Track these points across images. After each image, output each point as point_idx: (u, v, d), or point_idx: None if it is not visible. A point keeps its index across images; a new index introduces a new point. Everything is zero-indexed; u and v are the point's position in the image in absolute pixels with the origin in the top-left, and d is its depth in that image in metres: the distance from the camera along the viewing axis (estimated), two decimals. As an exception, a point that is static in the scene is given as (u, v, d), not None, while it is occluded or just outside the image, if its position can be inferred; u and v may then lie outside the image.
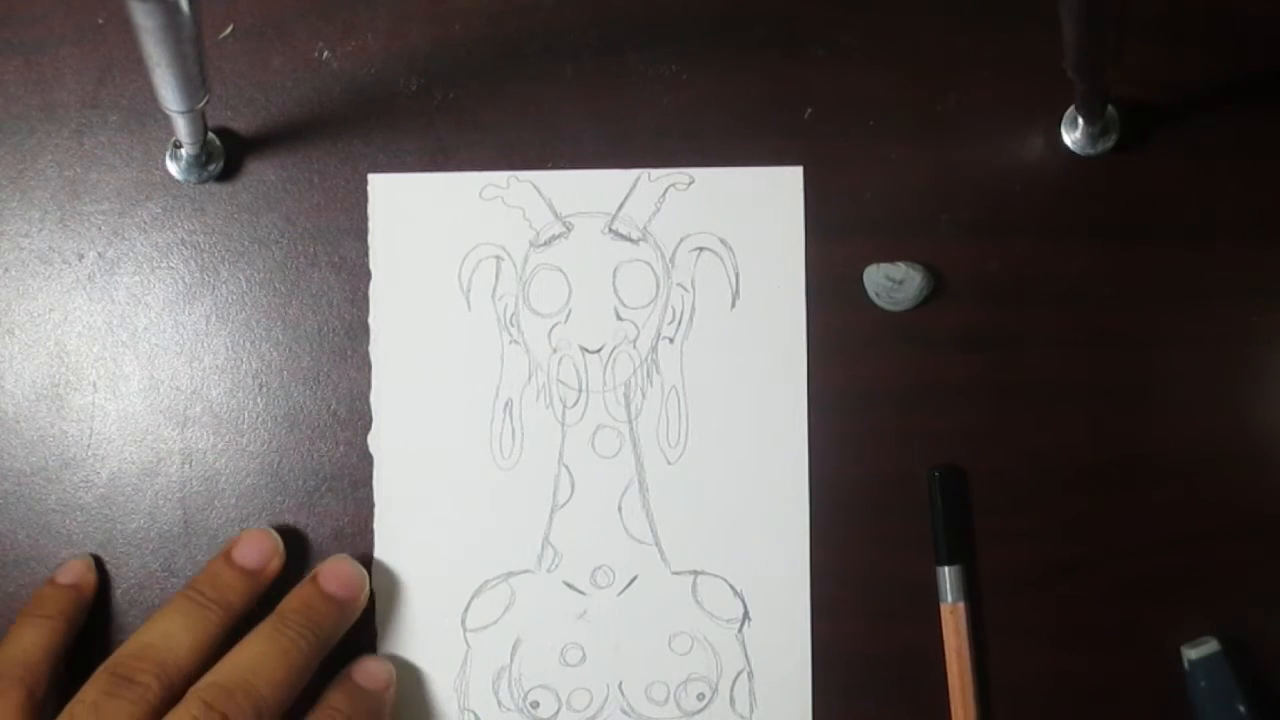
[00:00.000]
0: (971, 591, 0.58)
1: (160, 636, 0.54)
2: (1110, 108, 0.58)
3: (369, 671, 0.57)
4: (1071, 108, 0.59)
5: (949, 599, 0.58)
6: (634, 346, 0.59)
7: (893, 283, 0.58)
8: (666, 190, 0.59)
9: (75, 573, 0.58)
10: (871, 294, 0.59)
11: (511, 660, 0.58)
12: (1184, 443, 0.59)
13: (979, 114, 0.60)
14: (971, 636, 0.58)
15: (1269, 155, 0.60)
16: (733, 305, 0.59)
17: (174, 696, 0.53)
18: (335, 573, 0.57)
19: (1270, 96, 0.60)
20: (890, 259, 0.59)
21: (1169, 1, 0.59)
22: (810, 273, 0.59)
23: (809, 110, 0.60)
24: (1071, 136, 0.59)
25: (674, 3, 0.60)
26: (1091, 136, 0.59)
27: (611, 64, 0.60)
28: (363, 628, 0.58)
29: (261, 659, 0.54)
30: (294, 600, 0.56)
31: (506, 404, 0.59)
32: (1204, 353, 0.59)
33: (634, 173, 0.59)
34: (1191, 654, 0.58)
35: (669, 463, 0.58)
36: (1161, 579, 0.59)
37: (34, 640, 0.55)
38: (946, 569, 0.58)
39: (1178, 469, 0.59)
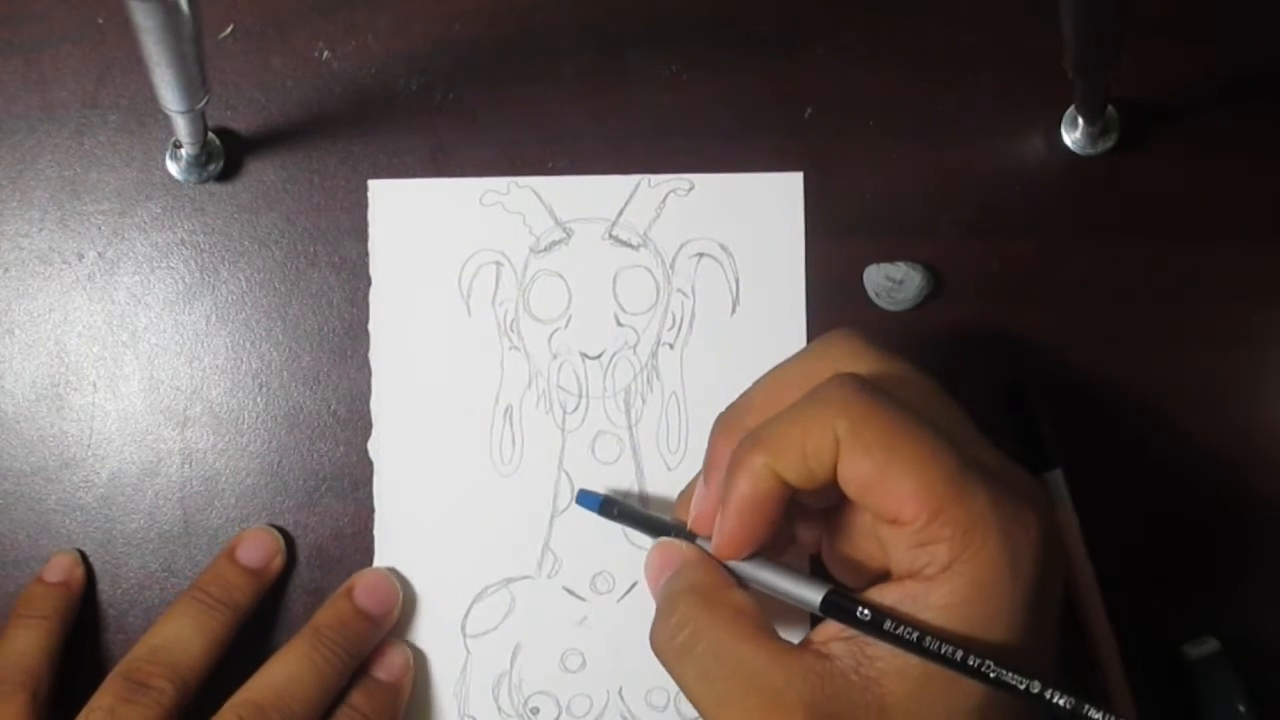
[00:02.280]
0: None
1: (172, 639, 0.54)
2: (1110, 108, 0.58)
3: (387, 663, 0.57)
4: (1071, 108, 0.59)
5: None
6: (634, 352, 0.59)
7: (893, 283, 0.58)
8: (666, 196, 0.59)
9: (63, 569, 0.58)
10: (871, 294, 0.59)
11: (511, 666, 0.58)
12: (1184, 442, 0.59)
13: (979, 114, 0.60)
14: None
15: (1269, 155, 0.60)
16: (733, 311, 0.59)
17: (187, 700, 0.54)
18: (371, 588, 0.57)
19: (1271, 96, 0.60)
20: (890, 259, 0.59)
21: (1170, 1, 0.60)
22: (810, 273, 0.59)
23: (809, 110, 0.60)
24: (1071, 136, 0.59)
25: (674, 3, 0.60)
26: (1091, 136, 0.59)
27: (611, 64, 0.60)
28: (363, 630, 0.58)
29: (297, 677, 0.54)
30: (329, 616, 0.56)
31: (506, 410, 0.59)
32: (1204, 353, 0.59)
33: (634, 178, 0.59)
34: (1191, 654, 0.58)
35: (669, 469, 0.58)
36: (1161, 579, 0.59)
37: (31, 642, 0.56)
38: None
39: (1177, 469, 0.59)
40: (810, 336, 0.59)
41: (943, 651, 0.41)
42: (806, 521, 0.49)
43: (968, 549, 0.42)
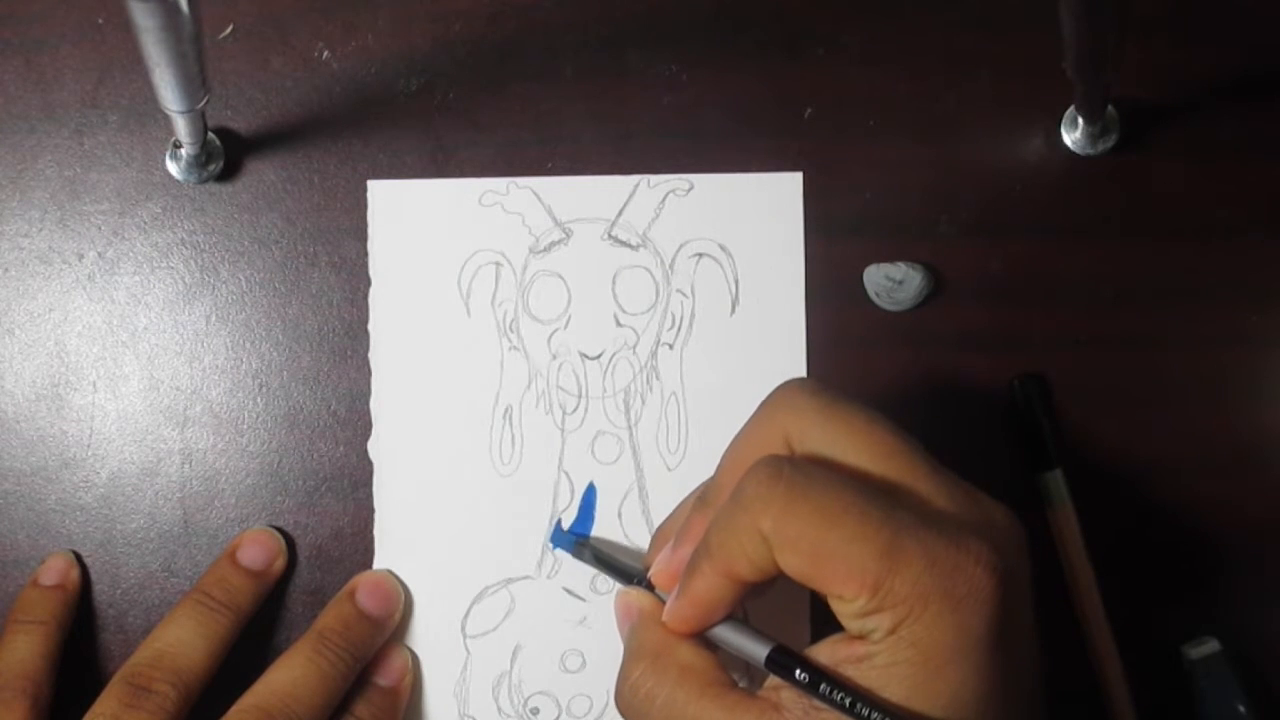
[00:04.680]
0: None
1: (174, 643, 0.54)
2: (1110, 108, 0.58)
3: (387, 668, 0.57)
4: (1071, 108, 0.59)
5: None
6: (633, 352, 0.59)
7: (893, 283, 0.58)
8: (666, 196, 0.59)
9: (58, 572, 0.58)
10: (871, 294, 0.59)
11: (511, 666, 0.58)
12: (1184, 443, 0.59)
13: (979, 114, 0.60)
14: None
15: (1269, 155, 0.60)
16: (732, 311, 0.59)
17: (191, 704, 0.53)
18: (374, 590, 0.57)
19: (1271, 96, 0.60)
20: (890, 259, 0.59)
21: (1170, 1, 0.59)
22: (810, 273, 0.59)
23: (809, 110, 0.59)
24: (1071, 136, 0.59)
25: (674, 3, 0.60)
26: (1091, 136, 0.59)
27: (611, 64, 0.60)
28: (363, 631, 0.58)
29: (302, 681, 0.54)
30: (333, 620, 0.56)
31: (506, 410, 0.59)
32: (1204, 353, 0.59)
33: (633, 179, 0.59)
34: (1191, 654, 0.58)
35: (669, 469, 0.58)
36: (1161, 579, 0.59)
37: (30, 648, 0.55)
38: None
39: (1178, 469, 0.59)
40: (810, 337, 0.58)
41: (870, 717, 0.42)
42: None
43: (909, 615, 0.42)
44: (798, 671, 0.44)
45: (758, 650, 0.46)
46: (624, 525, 0.58)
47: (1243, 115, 0.59)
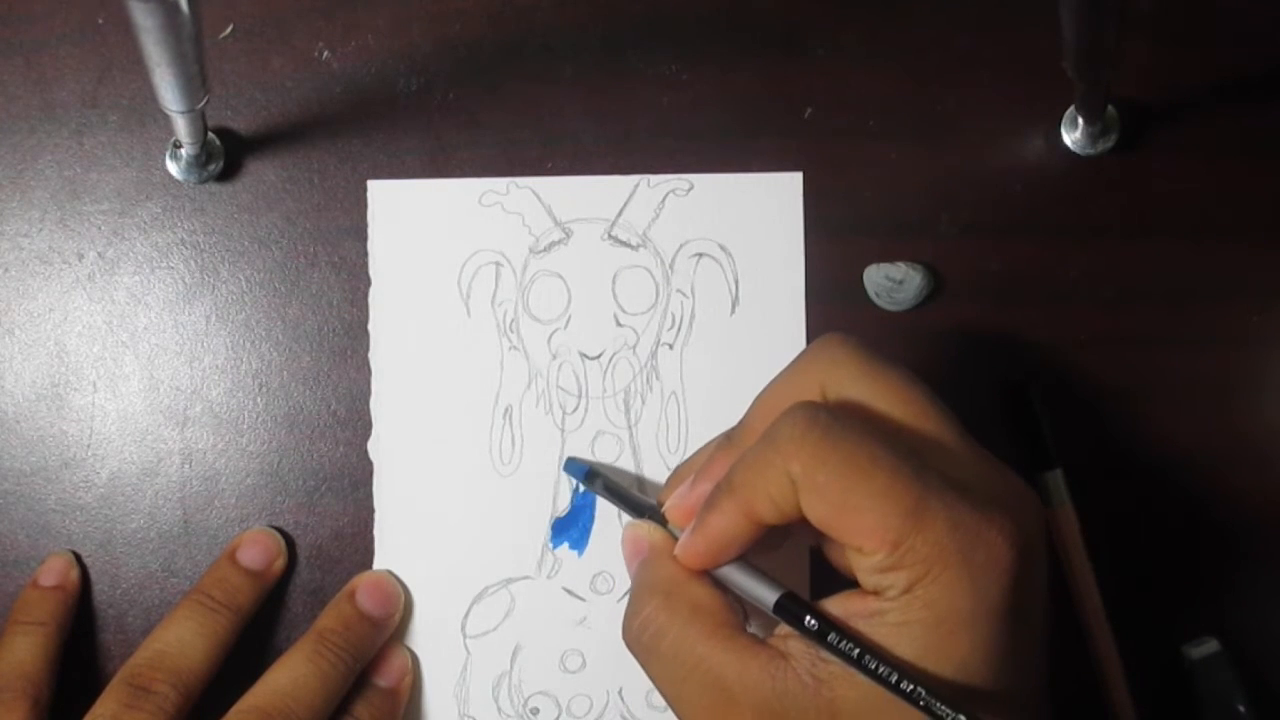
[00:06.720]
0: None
1: (174, 644, 0.54)
2: (1110, 108, 0.58)
3: (386, 669, 0.57)
4: (1071, 108, 0.59)
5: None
6: (633, 352, 0.59)
7: (893, 283, 0.58)
8: (666, 196, 0.59)
9: (58, 573, 0.58)
10: (871, 294, 0.59)
11: (511, 667, 0.58)
12: (1184, 443, 0.59)
13: (979, 114, 0.60)
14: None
15: (1269, 155, 0.60)
16: (732, 311, 0.59)
17: (191, 704, 0.53)
18: (373, 590, 0.57)
19: (1270, 96, 0.60)
20: (890, 259, 0.59)
21: (1169, 1, 0.59)
22: (810, 273, 0.59)
23: (809, 110, 0.59)
24: (1071, 136, 0.59)
25: (674, 3, 0.60)
26: (1091, 136, 0.59)
27: (611, 64, 0.60)
28: (363, 630, 0.58)
29: (302, 682, 0.54)
30: (333, 620, 0.56)
31: (506, 410, 0.59)
32: (1204, 353, 0.59)
33: (633, 179, 0.59)
34: (1192, 654, 0.58)
35: (669, 469, 0.58)
36: (1161, 579, 0.59)
37: (30, 649, 0.55)
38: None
39: (1178, 469, 0.59)
40: (810, 337, 0.59)
41: (879, 670, 0.42)
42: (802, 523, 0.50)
43: (926, 576, 0.42)
44: (807, 619, 0.44)
45: (767, 595, 0.46)
46: (624, 524, 0.58)
47: (1243, 115, 0.60)
